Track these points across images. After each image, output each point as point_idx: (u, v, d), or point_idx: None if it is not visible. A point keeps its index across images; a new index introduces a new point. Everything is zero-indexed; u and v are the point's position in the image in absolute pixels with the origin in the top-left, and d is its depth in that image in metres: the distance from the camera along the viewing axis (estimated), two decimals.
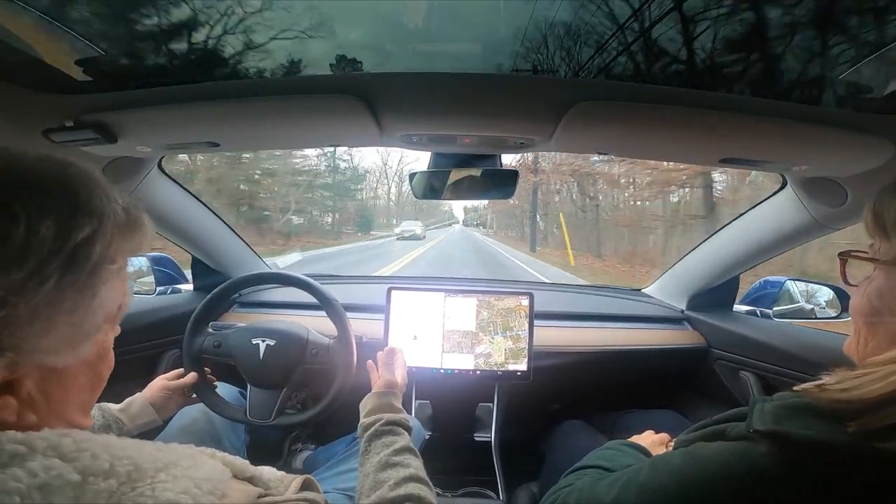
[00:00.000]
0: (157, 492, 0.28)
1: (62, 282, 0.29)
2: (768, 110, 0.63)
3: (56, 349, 0.30)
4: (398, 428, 0.65)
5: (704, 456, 0.44)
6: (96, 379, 0.37)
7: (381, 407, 0.70)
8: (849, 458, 0.37)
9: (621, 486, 0.50)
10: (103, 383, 0.39)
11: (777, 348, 1.05)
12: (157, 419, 0.81)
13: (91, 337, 0.33)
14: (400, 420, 0.67)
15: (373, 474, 0.57)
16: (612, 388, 1.37)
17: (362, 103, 0.65)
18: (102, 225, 0.31)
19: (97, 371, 0.37)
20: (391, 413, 0.68)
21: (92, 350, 0.34)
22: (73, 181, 0.31)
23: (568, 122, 0.67)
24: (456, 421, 1.22)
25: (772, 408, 0.41)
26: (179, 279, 1.40)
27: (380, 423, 0.65)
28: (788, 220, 0.99)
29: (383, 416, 0.67)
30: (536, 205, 17.11)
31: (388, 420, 0.66)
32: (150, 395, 0.82)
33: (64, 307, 0.30)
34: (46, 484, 0.25)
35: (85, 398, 0.37)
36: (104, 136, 0.72)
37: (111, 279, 0.33)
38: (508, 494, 1.03)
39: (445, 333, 1.12)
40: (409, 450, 0.61)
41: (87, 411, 0.38)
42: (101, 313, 0.33)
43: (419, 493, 0.53)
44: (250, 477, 0.38)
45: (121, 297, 0.36)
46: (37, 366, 0.30)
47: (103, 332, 0.35)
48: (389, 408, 0.70)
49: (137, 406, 0.79)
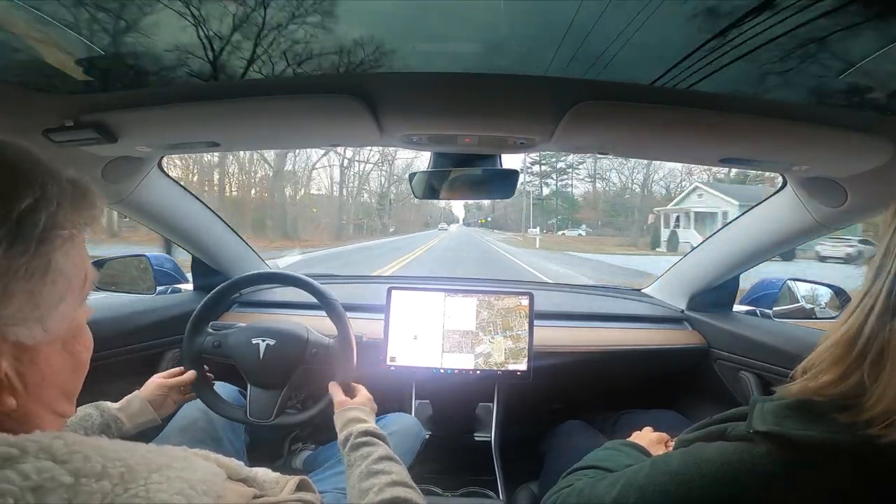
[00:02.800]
0: (151, 493, 0.28)
1: (12, 250, 0.29)
2: (768, 110, 0.63)
3: (20, 319, 0.31)
4: (372, 438, 0.67)
5: (705, 456, 0.44)
6: (74, 361, 0.37)
7: (350, 420, 0.73)
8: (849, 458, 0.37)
9: (621, 487, 0.50)
10: (84, 367, 0.39)
11: (777, 348, 1.05)
12: (156, 418, 0.81)
13: (55, 307, 0.33)
14: (370, 430, 0.69)
15: (357, 484, 0.59)
16: (612, 388, 1.37)
17: (362, 103, 0.65)
18: (45, 194, 0.32)
19: (73, 351, 0.37)
20: (359, 424, 0.71)
21: (61, 325, 0.34)
22: (13, 158, 0.32)
23: (568, 122, 0.67)
24: (456, 421, 1.22)
25: (772, 408, 0.41)
26: (179, 279, 1.40)
27: (353, 437, 0.67)
28: (788, 220, 0.99)
29: (353, 428, 0.69)
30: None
31: (360, 431, 0.68)
32: (148, 394, 0.82)
33: (19, 274, 0.30)
34: (39, 486, 0.25)
35: (66, 382, 0.36)
36: (104, 136, 0.72)
37: (64, 246, 0.33)
38: (508, 494, 1.03)
39: (445, 333, 1.12)
40: (388, 458, 0.63)
41: (70, 398, 0.38)
42: (60, 281, 0.33)
43: (404, 496, 0.55)
44: (245, 478, 0.38)
45: (82, 268, 0.36)
46: (5, 341, 0.30)
47: (68, 304, 0.35)
48: (357, 420, 0.73)
49: (136, 405, 0.79)
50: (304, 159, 23.92)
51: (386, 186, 31.99)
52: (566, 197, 35.05)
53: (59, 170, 0.35)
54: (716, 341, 1.24)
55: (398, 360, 1.13)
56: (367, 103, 0.66)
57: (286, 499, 0.38)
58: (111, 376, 0.83)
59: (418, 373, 1.13)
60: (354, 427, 0.70)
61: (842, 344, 0.40)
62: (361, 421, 0.73)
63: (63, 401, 0.36)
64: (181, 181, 1.12)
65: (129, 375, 0.97)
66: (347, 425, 0.72)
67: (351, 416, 0.74)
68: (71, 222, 0.34)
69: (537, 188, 35.10)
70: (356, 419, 0.73)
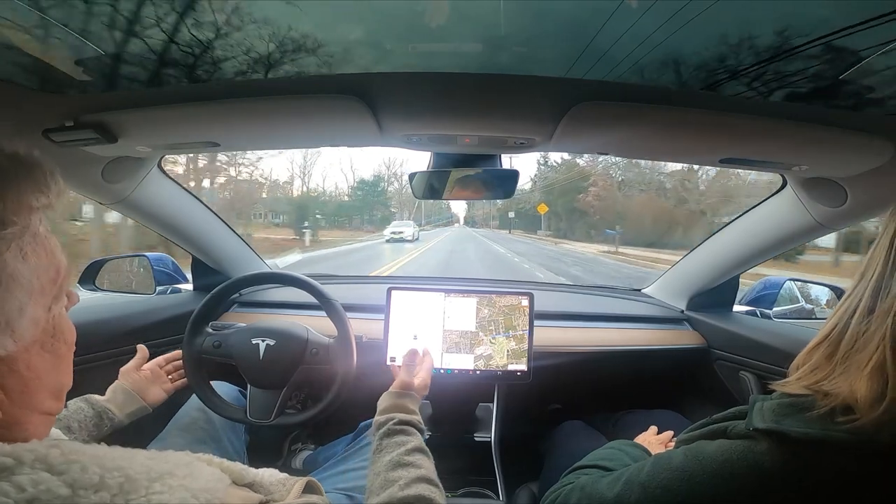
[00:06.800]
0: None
1: None
2: (768, 110, 0.63)
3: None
4: (411, 428, 0.65)
5: (706, 454, 0.44)
6: (57, 360, 0.34)
7: (396, 406, 0.69)
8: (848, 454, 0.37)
9: (623, 485, 0.50)
10: (68, 363, 0.36)
11: (777, 349, 1.05)
12: (146, 406, 0.81)
13: (20, 314, 0.30)
14: (413, 421, 0.67)
15: (384, 472, 0.56)
16: (612, 388, 1.37)
17: (362, 103, 0.65)
18: None
19: (54, 351, 0.34)
20: (404, 413, 0.68)
21: (34, 330, 0.31)
22: None
23: (568, 122, 0.67)
24: (456, 421, 1.22)
25: (771, 406, 0.41)
26: (179, 279, 1.40)
27: (392, 423, 0.65)
28: (788, 221, 0.99)
29: (396, 415, 0.66)
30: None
31: (401, 420, 0.66)
32: (126, 381, 0.82)
33: None
34: (35, 498, 0.24)
35: (50, 381, 0.34)
36: (104, 136, 0.72)
37: (14, 246, 0.29)
38: (508, 494, 1.03)
39: (445, 333, 1.12)
40: (422, 451, 0.61)
41: (57, 395, 0.36)
42: (17, 288, 0.29)
43: (429, 495, 0.53)
44: (250, 483, 0.37)
45: (48, 264, 0.32)
46: None
47: (36, 306, 0.31)
48: (403, 408, 0.69)
49: (121, 395, 0.79)
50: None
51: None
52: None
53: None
54: (716, 341, 1.24)
55: (398, 361, 1.13)
56: (367, 103, 0.66)
57: (293, 502, 0.37)
58: (111, 376, 0.83)
59: None
60: (397, 414, 0.67)
61: (827, 343, 0.42)
62: (407, 411, 0.69)
63: (50, 400, 0.35)
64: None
65: None
66: (390, 409, 0.68)
67: (399, 403, 0.70)
68: (17, 215, 0.29)
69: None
70: (402, 407, 0.69)
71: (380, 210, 36.69)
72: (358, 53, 0.58)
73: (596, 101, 0.63)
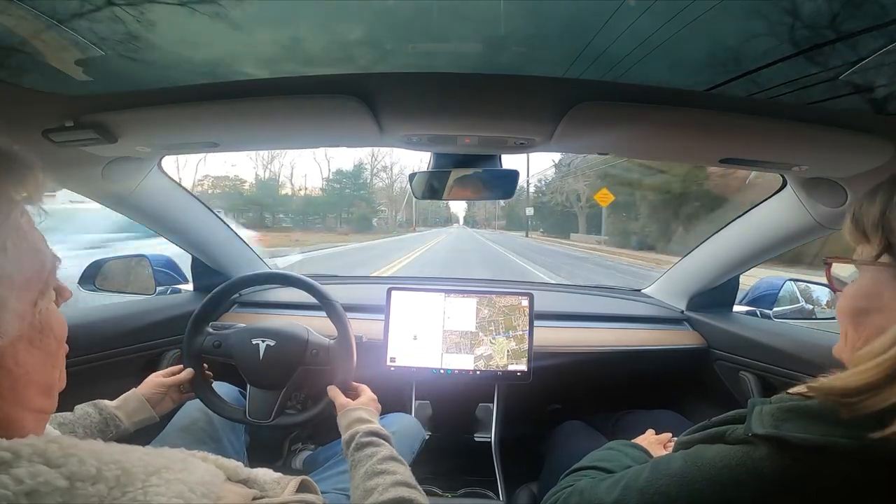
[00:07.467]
0: (150, 496, 0.28)
1: None
2: (768, 110, 0.63)
3: None
4: (377, 438, 0.67)
5: (705, 460, 0.44)
6: (46, 356, 0.34)
7: (355, 420, 0.73)
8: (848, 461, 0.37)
9: (622, 489, 0.50)
10: (59, 359, 0.36)
11: (777, 349, 1.05)
12: (154, 416, 0.81)
13: (5, 308, 0.29)
14: (375, 430, 0.69)
15: (362, 484, 0.59)
16: (612, 388, 1.37)
17: (362, 103, 0.65)
18: None
19: (43, 347, 0.33)
20: (364, 424, 0.71)
21: (18, 325, 0.31)
22: None
23: (568, 122, 0.67)
24: (456, 421, 1.22)
25: (770, 411, 0.41)
26: (179, 279, 1.40)
27: (359, 436, 0.67)
28: (788, 221, 0.99)
29: (359, 427, 0.69)
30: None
31: (366, 431, 0.68)
32: (146, 391, 0.82)
33: None
34: (34, 490, 0.25)
35: (40, 379, 0.34)
36: (104, 136, 0.72)
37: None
38: (508, 495, 1.03)
39: (445, 334, 1.12)
40: (393, 458, 0.63)
41: (48, 393, 0.35)
42: (2, 278, 0.29)
43: (409, 496, 0.55)
44: (245, 479, 0.38)
45: (31, 256, 0.31)
46: None
47: (19, 302, 0.31)
48: (361, 421, 0.72)
49: (133, 402, 0.79)
50: None
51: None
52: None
53: None
54: (716, 342, 1.24)
55: (398, 361, 1.13)
56: (367, 103, 0.66)
57: (287, 500, 0.38)
58: (111, 376, 0.83)
59: (418, 373, 1.13)
60: (360, 427, 0.70)
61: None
62: (366, 421, 0.72)
63: (41, 397, 0.34)
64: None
65: (129, 375, 0.97)
66: (352, 425, 0.71)
67: (355, 417, 0.74)
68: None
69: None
70: (361, 419, 0.73)
71: (359, 207, 32.87)
72: (358, 53, 0.58)
73: (596, 102, 0.63)
